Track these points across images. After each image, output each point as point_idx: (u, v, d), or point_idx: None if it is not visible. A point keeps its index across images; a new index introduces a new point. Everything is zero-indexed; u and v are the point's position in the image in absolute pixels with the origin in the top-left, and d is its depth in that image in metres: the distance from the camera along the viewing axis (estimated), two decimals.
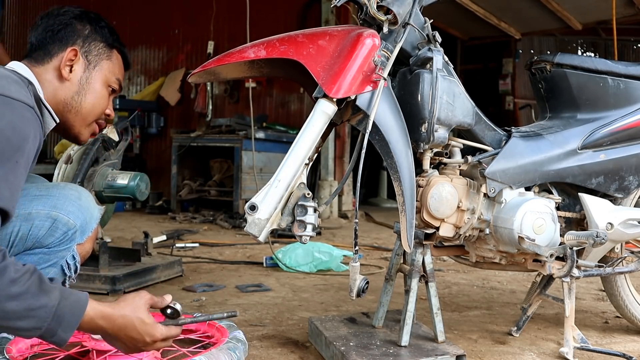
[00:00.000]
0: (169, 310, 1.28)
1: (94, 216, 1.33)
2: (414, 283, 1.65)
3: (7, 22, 9.90)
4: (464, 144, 1.71)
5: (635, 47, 8.41)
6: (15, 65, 1.26)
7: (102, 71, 1.36)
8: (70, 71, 1.31)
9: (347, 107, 1.50)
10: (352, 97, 1.41)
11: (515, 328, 1.95)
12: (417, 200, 1.62)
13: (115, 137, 2.64)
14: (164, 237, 3.89)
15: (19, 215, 1.18)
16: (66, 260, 1.28)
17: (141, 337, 1.16)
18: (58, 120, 1.28)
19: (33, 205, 1.22)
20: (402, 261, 1.76)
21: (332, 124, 1.51)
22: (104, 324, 1.10)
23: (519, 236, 1.61)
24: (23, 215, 1.20)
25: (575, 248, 1.63)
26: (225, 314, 1.35)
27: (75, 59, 1.31)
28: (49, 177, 1.97)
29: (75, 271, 1.32)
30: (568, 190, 1.83)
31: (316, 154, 1.52)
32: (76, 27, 1.34)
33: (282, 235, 4.10)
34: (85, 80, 1.33)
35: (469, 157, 1.67)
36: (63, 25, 1.32)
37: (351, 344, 1.61)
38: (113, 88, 1.39)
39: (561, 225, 1.78)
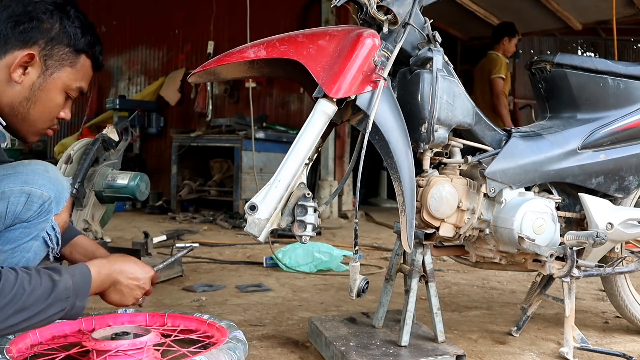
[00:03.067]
0: None
1: (65, 186, 1.32)
2: (414, 283, 1.65)
3: None
4: (464, 144, 1.71)
5: (635, 47, 8.41)
6: None
7: (60, 78, 1.24)
8: (23, 74, 1.19)
9: (347, 107, 1.50)
10: (352, 97, 1.41)
11: (515, 328, 1.95)
12: (417, 200, 1.62)
13: (115, 137, 2.64)
14: (164, 237, 3.89)
15: None
16: (46, 232, 1.31)
17: (139, 272, 1.33)
18: (4, 124, 1.21)
19: (4, 185, 1.21)
20: (402, 261, 1.76)
21: (332, 124, 1.51)
22: (107, 276, 1.26)
23: (519, 236, 1.61)
24: None
25: (575, 248, 1.63)
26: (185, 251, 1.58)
27: (31, 61, 1.19)
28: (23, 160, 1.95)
29: (57, 242, 1.35)
30: (568, 190, 1.83)
31: (316, 154, 1.52)
32: (43, 24, 1.20)
33: (282, 235, 4.10)
34: (38, 86, 1.21)
35: (469, 157, 1.67)
36: (28, 19, 1.18)
37: (351, 344, 1.61)
38: (71, 96, 1.28)
39: (561, 225, 1.78)
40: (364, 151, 1.40)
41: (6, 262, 1.27)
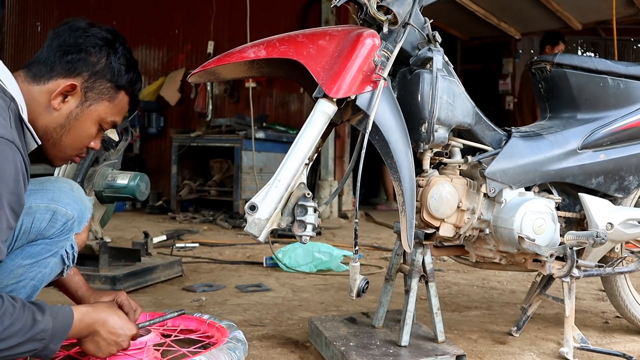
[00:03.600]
0: None
1: (88, 206, 1.37)
2: (414, 283, 1.65)
3: (7, 22, 9.89)
4: (464, 144, 1.71)
5: (635, 47, 8.41)
6: (2, 73, 1.18)
7: (97, 111, 1.26)
8: (63, 102, 1.22)
9: (347, 107, 1.50)
10: (352, 97, 1.41)
11: (515, 328, 1.95)
12: (417, 200, 1.62)
13: (115, 137, 2.64)
14: (164, 237, 3.89)
15: None
16: (65, 250, 1.34)
17: (121, 328, 1.27)
18: (39, 143, 1.21)
19: (32, 200, 1.24)
20: (402, 261, 1.76)
21: (332, 124, 1.51)
22: (88, 325, 1.21)
23: (519, 236, 1.61)
24: (24, 210, 1.20)
25: (575, 248, 1.63)
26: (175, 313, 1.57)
27: (72, 91, 1.22)
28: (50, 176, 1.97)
29: (73, 260, 1.38)
30: (568, 190, 1.83)
31: (316, 154, 1.52)
32: (90, 57, 1.24)
33: (282, 235, 4.10)
34: (75, 116, 1.24)
35: (469, 157, 1.67)
36: (77, 50, 1.23)
37: (351, 344, 1.61)
38: (104, 128, 1.31)
39: (561, 225, 1.78)
40: (364, 151, 1.40)
41: (23, 276, 1.29)
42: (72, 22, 1.27)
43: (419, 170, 1.62)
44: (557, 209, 1.77)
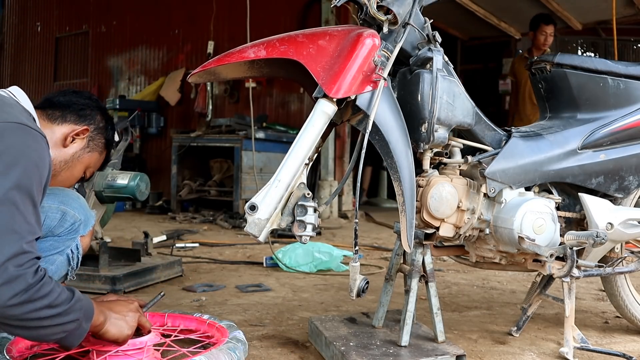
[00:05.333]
0: None
1: (92, 215, 1.54)
2: (414, 283, 1.65)
3: (7, 22, 9.90)
4: (464, 144, 1.71)
5: (635, 47, 8.40)
6: (24, 102, 1.32)
7: (90, 159, 1.49)
8: (72, 142, 1.43)
9: (347, 107, 1.50)
10: (352, 97, 1.41)
11: (515, 328, 1.95)
12: (417, 200, 1.62)
13: (115, 137, 2.64)
14: (164, 237, 3.89)
15: None
16: (71, 249, 1.47)
17: (125, 309, 1.37)
18: None
19: (44, 201, 1.33)
20: (402, 261, 1.76)
21: (332, 124, 1.51)
22: (100, 310, 1.30)
23: (519, 236, 1.61)
24: None
25: (575, 248, 1.63)
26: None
27: (82, 136, 1.44)
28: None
29: (77, 263, 1.50)
30: (568, 190, 1.83)
31: (316, 154, 1.52)
32: (96, 116, 1.50)
33: (282, 235, 4.10)
34: (77, 157, 1.45)
35: (469, 157, 1.67)
36: (89, 109, 1.48)
37: (351, 344, 1.61)
38: (85, 175, 1.52)
39: (561, 225, 1.77)
40: (364, 151, 1.40)
41: None
42: (75, 90, 1.53)
43: (419, 170, 1.62)
44: (557, 209, 1.77)
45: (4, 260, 1.05)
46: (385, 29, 1.48)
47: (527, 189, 1.75)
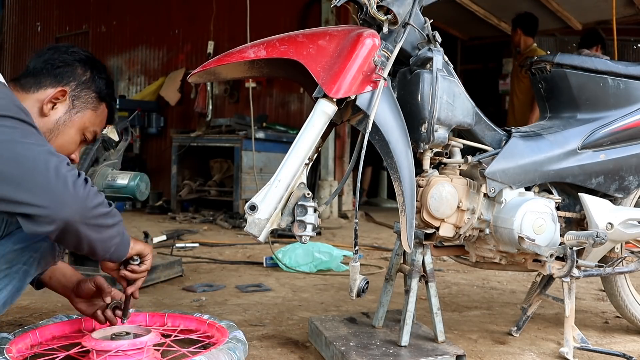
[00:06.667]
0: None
1: None
2: (414, 283, 1.65)
3: (7, 22, 9.90)
4: (464, 144, 1.71)
5: (635, 47, 8.40)
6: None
7: (82, 119, 1.37)
8: (52, 109, 1.32)
9: (347, 107, 1.50)
10: (352, 97, 1.41)
11: (515, 328, 1.95)
12: (417, 200, 1.62)
13: (115, 137, 2.64)
14: (164, 237, 3.89)
15: None
16: None
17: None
18: None
19: None
20: (402, 261, 1.76)
21: (332, 124, 1.51)
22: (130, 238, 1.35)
23: (519, 236, 1.61)
24: None
25: (575, 248, 1.63)
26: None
27: (61, 99, 1.33)
28: None
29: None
30: (568, 190, 1.83)
31: (316, 154, 1.52)
32: (77, 70, 1.37)
33: (282, 235, 4.10)
34: (63, 122, 1.34)
35: (469, 157, 1.67)
36: (64, 64, 1.35)
37: (351, 344, 1.61)
38: (86, 137, 1.41)
39: (561, 225, 1.77)
40: (364, 151, 1.40)
41: (15, 261, 1.33)
42: (52, 45, 1.40)
43: (419, 170, 1.62)
44: (557, 209, 1.77)
45: (74, 180, 1.11)
46: (385, 29, 1.48)
47: (527, 189, 1.75)
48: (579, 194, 1.78)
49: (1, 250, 1.31)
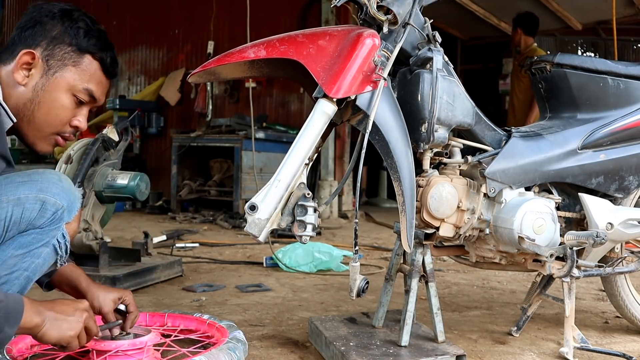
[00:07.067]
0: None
1: (77, 196, 1.35)
2: (414, 283, 1.65)
3: (7, 22, 9.90)
4: (464, 144, 1.71)
5: (635, 47, 8.40)
6: None
7: (64, 78, 1.25)
8: (27, 76, 1.22)
9: (347, 107, 1.50)
10: (352, 97, 1.41)
11: (515, 328, 1.95)
12: (417, 200, 1.62)
13: (115, 137, 2.64)
14: (164, 237, 3.89)
15: (9, 201, 1.21)
16: (57, 239, 1.32)
17: (70, 309, 1.20)
18: (15, 120, 1.21)
19: (20, 191, 1.23)
20: (402, 261, 1.76)
21: (332, 124, 1.51)
22: (37, 310, 1.15)
23: (519, 236, 1.61)
24: (13, 201, 1.21)
25: (575, 248, 1.63)
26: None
27: (33, 62, 1.22)
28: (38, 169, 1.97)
29: (66, 251, 1.36)
30: (568, 190, 1.83)
31: (316, 154, 1.52)
32: (46, 26, 1.24)
33: (282, 235, 4.10)
34: (41, 87, 1.23)
35: (469, 157, 1.67)
36: (32, 24, 1.23)
37: (351, 344, 1.61)
38: (80, 98, 1.29)
39: (561, 225, 1.78)
40: (364, 151, 1.40)
41: (16, 267, 1.29)
42: (34, 4, 1.26)
43: (419, 170, 1.62)
44: (557, 209, 1.77)
45: None
46: (385, 29, 1.48)
47: (527, 189, 1.75)
48: (579, 194, 1.78)
49: (2, 255, 1.27)
